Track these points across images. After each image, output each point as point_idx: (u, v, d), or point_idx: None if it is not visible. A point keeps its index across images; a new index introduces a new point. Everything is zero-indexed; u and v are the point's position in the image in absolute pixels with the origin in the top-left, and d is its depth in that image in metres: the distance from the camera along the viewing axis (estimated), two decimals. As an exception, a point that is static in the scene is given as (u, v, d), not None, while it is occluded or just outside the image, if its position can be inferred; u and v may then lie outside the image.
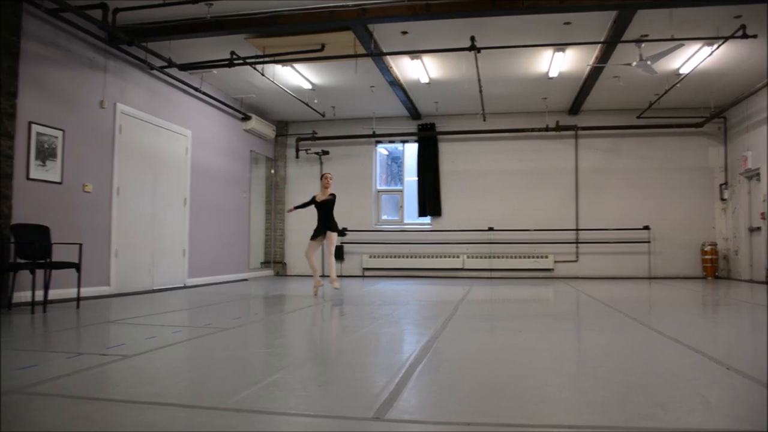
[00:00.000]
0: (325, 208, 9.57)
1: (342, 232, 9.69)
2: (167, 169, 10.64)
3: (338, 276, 14.94)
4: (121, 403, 2.88)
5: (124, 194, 9.37)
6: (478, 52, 9.61)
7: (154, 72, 10.15)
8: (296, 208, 10.07)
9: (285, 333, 5.58)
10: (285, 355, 4.33)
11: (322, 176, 9.96)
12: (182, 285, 10.97)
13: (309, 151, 15.51)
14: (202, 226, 11.80)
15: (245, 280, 13.43)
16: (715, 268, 13.86)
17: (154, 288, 10.09)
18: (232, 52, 9.95)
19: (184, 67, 10.39)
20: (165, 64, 10.03)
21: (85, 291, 7.99)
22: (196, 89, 11.39)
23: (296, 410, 2.82)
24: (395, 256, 15.03)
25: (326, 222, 9.53)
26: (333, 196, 9.66)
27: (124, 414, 2.73)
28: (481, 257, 14.73)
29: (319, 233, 9.57)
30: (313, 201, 9.70)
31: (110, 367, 3.71)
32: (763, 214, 12.27)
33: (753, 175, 12.95)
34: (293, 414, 2.76)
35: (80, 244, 7.48)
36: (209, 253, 12.08)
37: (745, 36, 8.95)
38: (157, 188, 10.31)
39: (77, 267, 7.28)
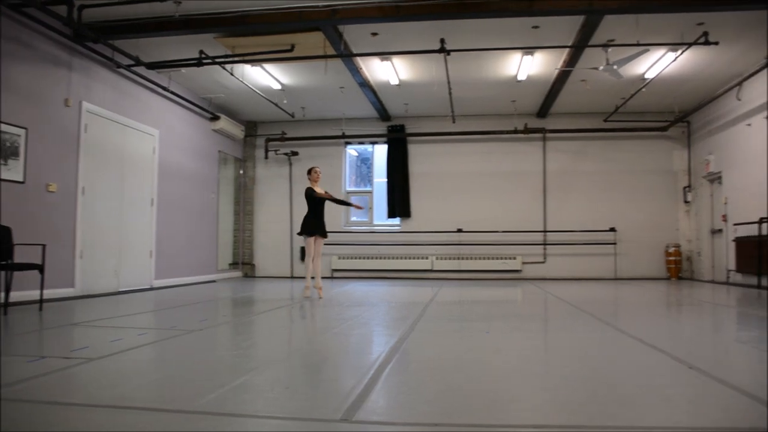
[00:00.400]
0: (322, 205, 9.23)
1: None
2: (134, 169, 10.49)
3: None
4: (85, 407, 2.83)
5: (90, 194, 9.21)
6: (448, 54, 9.66)
7: (121, 70, 10.01)
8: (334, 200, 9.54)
9: (253, 335, 5.54)
10: (253, 357, 4.31)
11: (311, 170, 9.44)
12: (149, 287, 10.83)
13: (278, 152, 15.43)
14: (170, 226, 11.67)
15: (213, 281, 13.31)
16: (678, 269, 14.13)
17: (120, 290, 9.94)
18: (201, 51, 9.86)
19: (151, 66, 10.27)
20: (132, 62, 9.90)
21: (49, 293, 7.83)
22: (164, 88, 11.25)
23: (264, 412, 2.81)
24: (364, 258, 15.03)
25: (323, 221, 9.22)
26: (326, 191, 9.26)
27: (87, 418, 2.69)
28: (449, 258, 14.80)
29: (316, 231, 9.09)
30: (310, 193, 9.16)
31: (74, 370, 3.65)
32: (724, 216, 12.54)
33: (715, 179, 13.23)
34: (261, 416, 2.75)
35: (43, 245, 7.32)
36: (176, 255, 11.95)
37: (707, 43, 9.15)
38: (124, 188, 10.17)
39: (40, 268, 7.13)
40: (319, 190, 9.25)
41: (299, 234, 9.21)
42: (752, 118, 11.25)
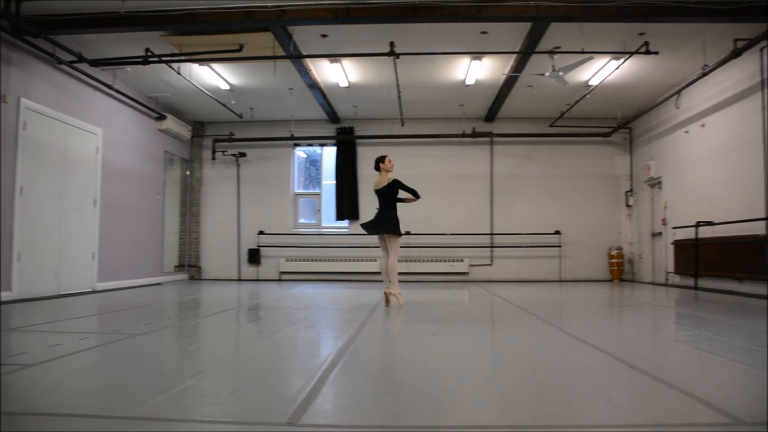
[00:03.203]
0: (383, 198, 7.95)
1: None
2: (76, 169, 10.19)
3: (255, 280, 14.80)
4: (21, 416, 2.73)
5: (29, 194, 8.91)
6: (397, 57, 9.71)
7: (63, 67, 9.72)
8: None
9: (199, 338, 5.45)
10: (198, 361, 4.24)
11: (384, 158, 7.98)
12: (91, 289, 10.54)
13: (226, 153, 15.23)
14: (113, 228, 11.38)
15: (158, 284, 13.05)
16: (620, 271, 14.50)
17: (61, 293, 9.64)
18: (147, 50, 9.66)
19: (95, 63, 10.03)
20: (75, 59, 9.65)
21: (-16, 296, 7.56)
22: (108, 86, 10.98)
23: (209, 417, 2.77)
24: (312, 260, 14.96)
25: (384, 216, 7.89)
26: (395, 181, 7.81)
27: (24, 427, 2.60)
28: (398, 261, 14.81)
29: (375, 228, 7.97)
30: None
31: (10, 377, 3.52)
32: (664, 220, 12.94)
33: (655, 183, 13.64)
34: (205, 421, 2.71)
35: (-21, 247, 7.07)
36: (120, 257, 11.66)
37: (648, 52, 9.46)
38: (65, 188, 9.87)
39: (-25, 270, 6.88)
40: (383, 181, 7.93)
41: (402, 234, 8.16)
42: (690, 126, 11.66)
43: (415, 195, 7.90)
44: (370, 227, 8.00)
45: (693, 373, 3.78)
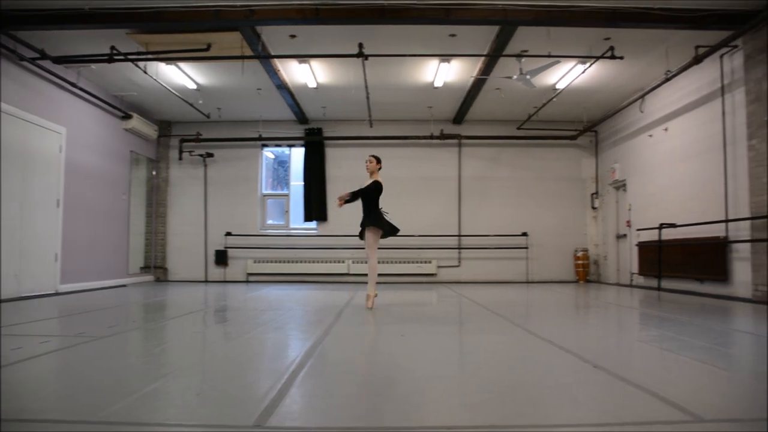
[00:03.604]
0: (364, 199, 8.22)
1: (389, 232, 8.31)
2: (38, 168, 9.98)
3: (222, 281, 14.67)
4: (-20, 419, 2.67)
5: (-12, 194, 8.71)
6: (366, 59, 9.72)
7: (25, 64, 9.52)
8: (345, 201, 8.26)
9: (164, 341, 5.39)
10: (164, 363, 4.18)
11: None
12: (54, 291, 10.34)
13: (193, 153, 15.07)
14: (77, 229, 11.18)
15: (124, 286, 12.84)
16: (586, 272, 14.70)
17: (22, 295, 9.42)
18: (113, 47, 9.51)
19: (58, 60, 9.84)
20: (37, 55, 9.45)
21: (-59, 298, 7.37)
22: (72, 84, 10.77)
23: (174, 420, 2.74)
24: (280, 261, 14.88)
25: (365, 214, 8.19)
26: (375, 183, 8.18)
27: (-17, 430, 2.54)
28: (366, 262, 14.79)
29: (362, 226, 8.23)
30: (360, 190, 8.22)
31: (-32, 380, 3.44)
32: (628, 222, 13.15)
33: (620, 186, 13.86)
34: (170, 425, 2.67)
35: (-64, 248, 6.88)
36: (84, 258, 11.46)
37: (613, 57, 9.61)
38: (27, 188, 9.65)
39: (-68, 272, 6.69)
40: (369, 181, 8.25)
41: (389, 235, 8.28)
42: (654, 130, 11.87)
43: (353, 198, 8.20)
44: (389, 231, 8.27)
45: (656, 373, 3.85)
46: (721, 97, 9.61)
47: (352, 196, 8.12)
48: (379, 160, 8.35)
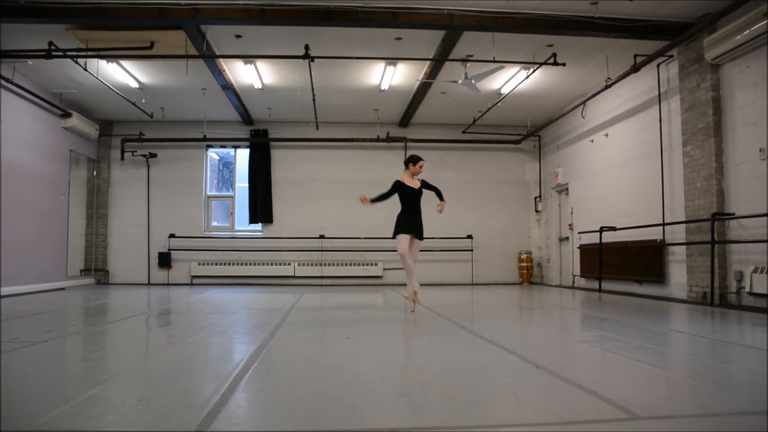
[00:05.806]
0: (415, 199, 8.21)
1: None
2: (-31, 168, 9.61)
3: (166, 284, 14.38)
4: None
5: None
6: (312, 60, 9.69)
7: (-44, 59, 9.17)
8: (374, 201, 8.21)
9: (104, 345, 5.24)
10: (103, 369, 4.07)
11: (417, 161, 8.44)
12: (-15, 295, 9.96)
13: (135, 153, 14.74)
14: (11, 230, 10.77)
15: (62, 289, 12.45)
16: (530, 274, 14.97)
17: (-49, 299, 9.06)
18: (51, 43, 9.23)
19: (-8, 56, 9.50)
20: (-31, 51, 9.11)
21: None
22: (6, 80, 10.40)
23: (113, 427, 2.66)
24: (225, 264, 14.70)
25: (419, 219, 8.23)
26: (424, 183, 8.26)
27: None
28: (312, 264, 14.80)
29: (412, 229, 8.10)
30: (398, 188, 8.18)
31: None
32: (570, 225, 13.45)
33: (562, 190, 14.17)
34: (110, 431, 2.60)
35: None
36: (21, 261, 11.05)
37: (556, 63, 9.83)
38: (-43, 188, 9.28)
39: None
40: (412, 183, 8.25)
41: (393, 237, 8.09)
42: (595, 135, 12.18)
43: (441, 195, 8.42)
44: (414, 229, 8.14)
45: (596, 372, 3.95)
46: (658, 104, 9.93)
47: (381, 197, 8.20)
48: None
